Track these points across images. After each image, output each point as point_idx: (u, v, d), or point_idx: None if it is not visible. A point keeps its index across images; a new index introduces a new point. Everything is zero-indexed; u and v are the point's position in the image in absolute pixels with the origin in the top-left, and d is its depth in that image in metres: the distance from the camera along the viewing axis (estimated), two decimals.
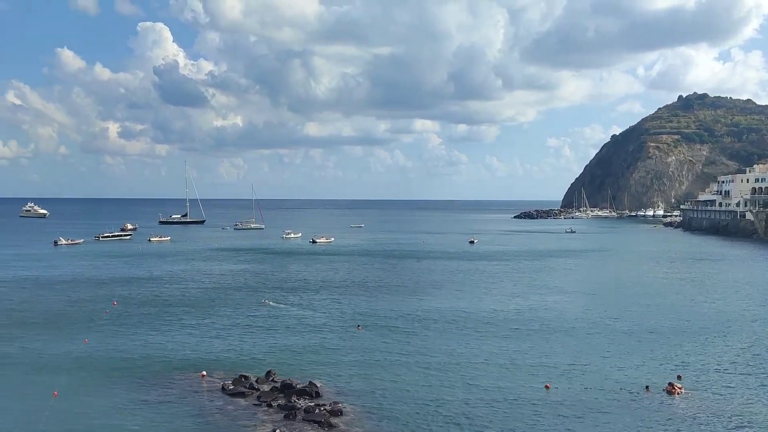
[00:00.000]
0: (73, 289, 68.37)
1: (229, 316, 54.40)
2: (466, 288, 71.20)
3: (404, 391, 34.37)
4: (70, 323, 51.15)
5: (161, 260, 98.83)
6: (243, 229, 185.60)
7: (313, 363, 40.20)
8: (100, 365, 39.22)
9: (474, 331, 48.65)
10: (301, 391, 33.30)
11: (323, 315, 55.53)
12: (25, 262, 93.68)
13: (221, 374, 37.36)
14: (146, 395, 33.78)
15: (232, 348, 43.76)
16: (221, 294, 66.44)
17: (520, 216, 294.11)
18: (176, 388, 35.05)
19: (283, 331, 49.17)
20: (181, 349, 43.40)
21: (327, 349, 43.85)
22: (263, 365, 39.16)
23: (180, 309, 57.77)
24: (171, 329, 49.38)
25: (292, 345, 44.71)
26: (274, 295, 65.65)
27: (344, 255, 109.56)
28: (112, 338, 46.14)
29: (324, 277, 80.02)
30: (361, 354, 42.27)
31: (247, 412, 31.26)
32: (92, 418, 30.38)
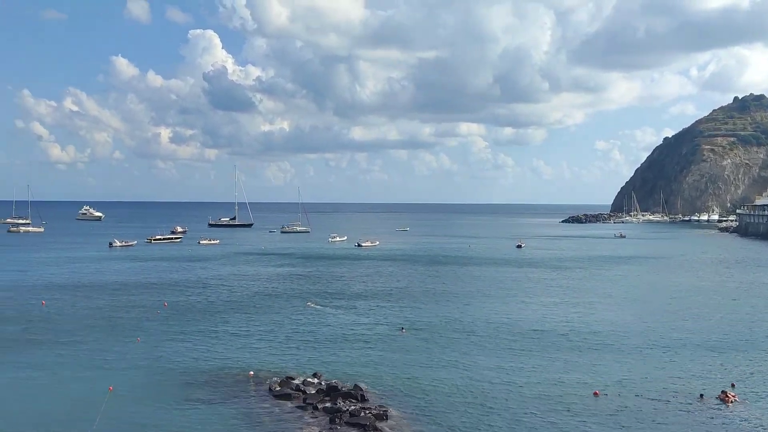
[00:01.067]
0: (126, 290, 70.46)
1: (275, 318, 55.09)
2: (513, 293, 70.28)
3: (450, 397, 34.11)
4: (124, 322, 52.69)
5: (210, 262, 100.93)
6: (289, 233, 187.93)
7: (358, 365, 40.32)
8: (152, 363, 40.24)
9: (521, 338, 47.94)
10: (346, 393, 33.42)
11: (367, 318, 55.69)
12: (81, 263, 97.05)
13: (268, 375, 37.81)
14: (195, 394, 34.47)
15: (278, 350, 44.29)
16: (267, 296, 67.39)
17: (568, 220, 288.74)
18: (224, 387, 35.65)
19: (328, 333, 49.50)
20: (228, 349, 44.17)
21: (372, 351, 43.93)
22: (309, 367, 39.49)
23: (228, 310, 58.85)
24: (219, 330, 50.31)
25: (337, 347, 44.96)
26: (319, 297, 66.20)
27: (389, 259, 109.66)
28: (163, 338, 47.31)
29: (368, 281, 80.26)
30: (405, 358, 42.17)
31: (294, 414, 31.54)
32: (144, 415, 31.17)
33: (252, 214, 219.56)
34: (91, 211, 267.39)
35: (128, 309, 58.99)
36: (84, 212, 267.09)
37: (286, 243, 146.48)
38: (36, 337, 47.19)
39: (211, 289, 71.75)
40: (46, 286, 72.98)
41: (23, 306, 59.64)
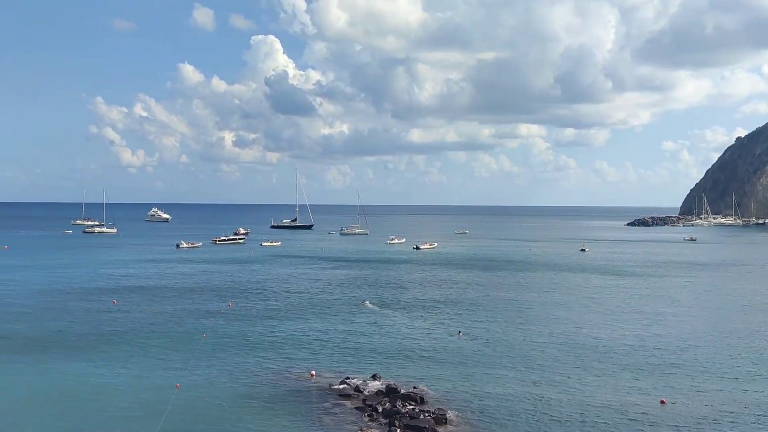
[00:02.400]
0: (192, 290, 72.79)
1: (334, 320, 55.73)
2: (575, 299, 68.70)
3: (510, 403, 33.64)
4: (190, 321, 54.44)
5: (272, 263, 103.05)
6: (348, 235, 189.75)
7: (416, 367, 40.34)
8: (217, 361, 41.41)
9: (583, 345, 46.81)
10: (405, 395, 33.45)
11: (424, 320, 55.60)
12: (150, 264, 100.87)
13: (328, 375, 38.32)
14: (258, 392, 35.26)
15: (337, 350, 44.78)
16: (327, 297, 68.24)
17: (634, 223, 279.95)
18: (285, 387, 36.32)
19: (387, 335, 49.70)
20: (290, 349, 44.97)
21: (430, 354, 43.85)
22: (368, 368, 39.76)
23: (288, 311, 59.93)
24: (280, 330, 51.28)
25: (396, 349, 45.08)
26: (377, 299, 66.54)
27: (447, 262, 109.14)
28: (228, 337, 48.61)
29: (426, 284, 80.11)
30: (464, 361, 41.88)
31: (353, 414, 31.82)
32: (209, 412, 32.10)
33: (312, 216, 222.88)
34: (159, 213, 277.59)
35: (194, 308, 60.90)
36: (152, 214, 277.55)
37: (344, 245, 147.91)
38: (107, 334, 49.29)
39: (273, 290, 73.22)
40: (118, 285, 76.23)
41: (96, 304, 62.46)
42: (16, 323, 52.50)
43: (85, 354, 42.99)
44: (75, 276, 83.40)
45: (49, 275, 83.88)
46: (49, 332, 49.29)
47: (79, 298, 65.41)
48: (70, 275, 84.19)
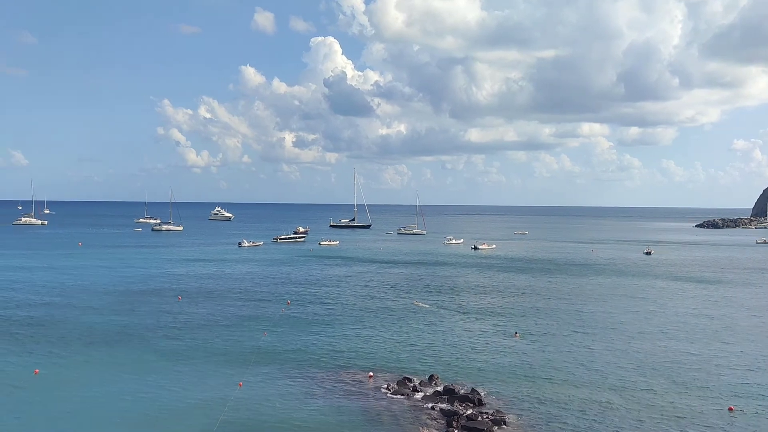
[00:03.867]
0: (254, 287, 74.62)
1: (392, 319, 56.00)
2: (639, 303, 66.73)
3: (569, 405, 33.04)
4: (252, 318, 55.84)
5: (331, 262, 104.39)
6: (405, 234, 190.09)
7: (473, 369, 40.13)
8: (277, 358, 42.34)
9: (647, 351, 45.45)
10: (463, 397, 33.35)
11: (482, 322, 55.20)
12: (214, 261, 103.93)
13: (385, 375, 38.59)
14: (317, 389, 35.86)
15: (395, 350, 45.01)
16: (384, 297, 68.63)
17: (703, 225, 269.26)
18: (344, 385, 36.79)
19: (444, 336, 49.61)
20: (348, 348, 45.51)
21: (487, 355, 43.56)
22: (425, 369, 39.81)
23: (346, 309, 60.62)
24: (339, 328, 51.96)
25: (453, 350, 44.96)
26: (433, 299, 66.47)
27: (505, 262, 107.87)
28: (288, 334, 49.62)
29: (483, 284, 79.44)
30: (522, 364, 41.37)
31: (411, 414, 31.94)
32: (269, 408, 32.84)
33: (370, 215, 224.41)
34: (222, 212, 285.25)
35: (255, 306, 62.41)
36: (215, 213, 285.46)
37: (402, 245, 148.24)
38: (171, 330, 51.13)
39: (331, 289, 74.21)
40: (183, 282, 78.92)
41: (162, 300, 64.88)
42: (89, 317, 55.14)
43: (151, 348, 44.72)
44: (143, 272, 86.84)
45: (120, 271, 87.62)
46: (118, 326, 51.54)
47: (147, 294, 68.09)
48: (140, 271, 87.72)
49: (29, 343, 45.37)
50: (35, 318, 54.42)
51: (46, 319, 53.80)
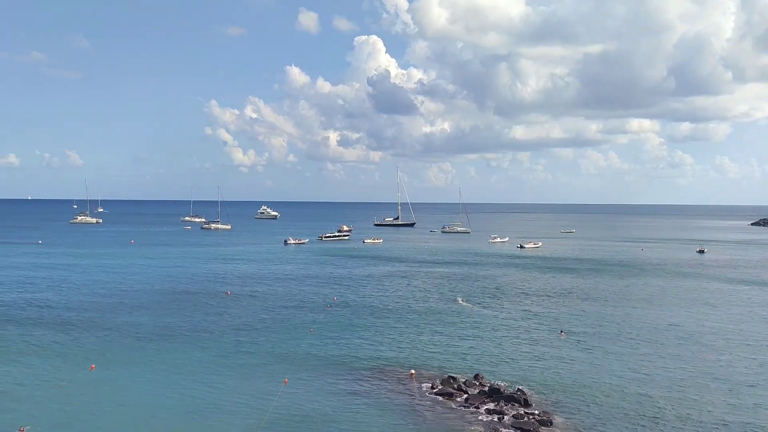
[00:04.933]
0: (300, 284, 75.50)
1: (435, 318, 55.83)
2: (691, 304, 64.84)
3: (618, 410, 32.32)
4: (298, 314, 56.52)
5: (374, 260, 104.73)
6: (450, 233, 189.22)
7: (519, 368, 39.69)
8: (322, 355, 42.75)
9: (698, 354, 44.13)
10: (509, 397, 33.01)
11: (527, 320, 54.53)
12: (261, 258, 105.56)
13: (429, 373, 38.52)
14: (361, 387, 36.06)
15: (439, 349, 44.86)
16: (428, 295, 68.46)
17: (759, 223, 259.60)
18: (387, 383, 36.89)
19: (489, 334, 49.20)
20: (392, 346, 45.60)
21: (532, 354, 43.01)
22: (470, 368, 39.57)
23: (390, 307, 60.72)
24: (383, 326, 52.09)
25: (498, 349, 44.55)
26: (478, 297, 65.97)
27: (552, 261, 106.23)
28: (333, 331, 50.03)
29: (529, 283, 78.43)
30: (569, 364, 40.71)
31: (455, 413, 31.80)
32: (314, 404, 33.20)
33: (414, 214, 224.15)
34: (268, 211, 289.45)
35: (302, 302, 63.15)
36: (262, 211, 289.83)
37: (446, 243, 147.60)
38: (220, 325, 52.18)
39: (375, 286, 74.46)
40: (231, 278, 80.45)
41: (211, 295, 66.27)
42: (141, 314, 56.77)
43: (199, 345, 45.73)
44: (193, 270, 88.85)
45: (171, 269, 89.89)
46: (169, 323, 52.87)
47: (197, 291, 69.65)
48: (189, 269, 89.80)
49: (85, 339, 47.01)
50: (90, 314, 56.32)
51: (100, 316, 55.62)
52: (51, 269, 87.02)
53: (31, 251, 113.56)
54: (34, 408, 31.64)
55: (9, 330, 49.20)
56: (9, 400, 32.69)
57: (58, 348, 43.91)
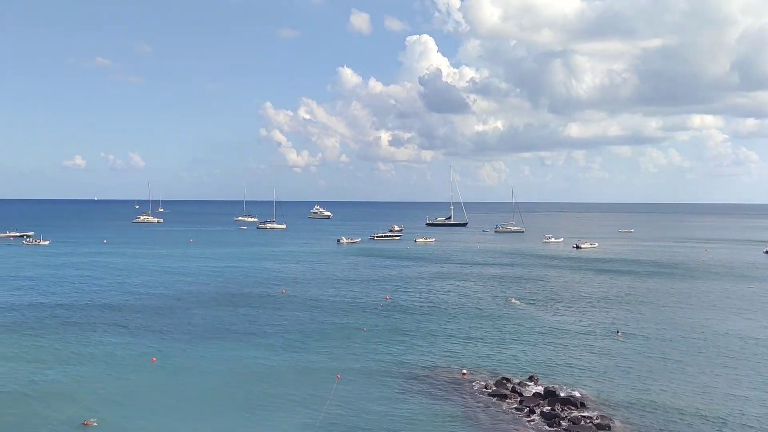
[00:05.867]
0: (352, 283, 76.07)
1: (488, 318, 55.31)
2: (757, 308, 62.08)
3: (678, 417, 31.29)
4: (352, 313, 56.97)
5: (426, 260, 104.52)
6: (503, 233, 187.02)
7: (575, 370, 38.94)
8: (375, 354, 42.95)
9: (761, 359, 42.23)
10: (565, 399, 32.43)
11: (582, 321, 53.44)
12: (315, 257, 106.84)
13: (482, 374, 38.22)
14: (414, 386, 36.06)
15: (492, 349, 44.45)
16: (480, 295, 67.87)
17: None
18: (440, 382, 36.79)
19: (543, 335, 48.42)
20: (444, 345, 45.44)
21: (589, 357, 42.11)
22: (524, 369, 39.05)
23: (442, 307, 60.48)
24: (435, 326, 51.93)
25: (553, 351, 43.80)
26: (532, 298, 64.99)
27: (608, 262, 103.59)
28: (385, 330, 50.21)
29: (584, 284, 76.74)
30: (627, 366, 39.68)
31: (509, 415, 31.46)
32: (368, 403, 33.39)
33: (466, 213, 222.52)
34: (321, 211, 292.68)
35: (354, 301, 63.64)
36: (315, 211, 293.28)
37: (499, 243, 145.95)
38: (275, 322, 53.11)
39: (427, 286, 74.30)
40: (286, 276, 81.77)
41: (266, 294, 67.51)
42: (200, 310, 58.34)
43: (255, 339, 46.70)
44: (250, 268, 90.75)
45: (229, 266, 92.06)
46: (226, 319, 54.17)
47: (254, 287, 71.12)
48: (246, 266, 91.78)
49: (147, 333, 48.68)
50: (152, 310, 58.28)
51: (161, 311, 57.50)
52: (115, 267, 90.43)
53: (97, 251, 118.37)
54: (98, 401, 32.87)
55: (74, 324, 51.39)
56: (73, 393, 34.04)
57: (121, 342, 45.58)
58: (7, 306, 59.24)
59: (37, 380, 36.22)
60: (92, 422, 29.76)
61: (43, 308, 58.24)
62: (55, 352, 42.49)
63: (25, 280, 76.52)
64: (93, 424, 29.63)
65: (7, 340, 45.60)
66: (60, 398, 33.10)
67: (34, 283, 74.14)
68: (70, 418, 30.28)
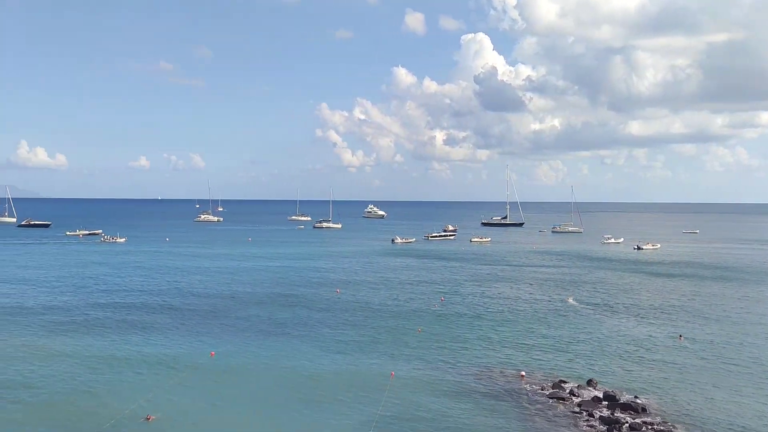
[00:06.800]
0: (407, 283, 76.18)
1: (544, 320, 54.44)
2: None
3: (744, 425, 30.04)
4: (406, 314, 57.10)
5: (482, 260, 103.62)
6: (560, 233, 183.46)
7: (635, 374, 37.96)
8: (430, 354, 42.92)
9: None
10: (626, 405, 31.64)
11: (642, 325, 51.97)
12: (369, 257, 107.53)
13: (539, 376, 37.70)
14: (469, 387, 35.89)
15: (549, 352, 43.76)
16: (538, 296, 66.83)
17: None
18: (496, 384, 36.48)
19: (601, 339, 47.32)
20: (500, 347, 45.02)
21: (649, 360, 40.97)
22: (582, 372, 38.30)
23: (497, 308, 59.89)
24: (490, 327, 51.49)
25: (612, 354, 42.79)
26: (590, 300, 63.55)
27: (671, 264, 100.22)
28: (440, 330, 50.10)
29: (645, 286, 74.51)
30: (689, 370, 38.45)
31: (567, 418, 30.93)
32: (424, 402, 33.44)
33: (523, 213, 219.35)
34: (375, 210, 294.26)
35: (409, 300, 63.74)
36: (369, 211, 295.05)
37: (556, 244, 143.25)
38: (329, 321, 53.73)
39: (483, 286, 73.66)
40: (341, 275, 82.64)
41: (322, 292, 68.39)
42: (257, 306, 59.68)
43: (310, 336, 47.42)
44: (306, 266, 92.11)
45: (285, 266, 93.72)
46: (282, 316, 55.21)
47: (309, 287, 72.19)
48: (302, 266, 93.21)
49: (206, 328, 50.16)
50: (211, 305, 59.97)
51: (219, 307, 59.10)
52: (176, 265, 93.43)
53: (160, 250, 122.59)
54: (160, 396, 33.90)
55: (136, 321, 53.41)
56: (136, 389, 35.23)
57: (181, 339, 47.09)
58: (74, 304, 62.14)
59: (101, 376, 37.54)
60: (154, 417, 30.63)
61: (109, 305, 60.86)
62: (119, 348, 44.18)
63: (97, 276, 79.96)
64: (155, 419, 30.46)
65: (73, 337, 47.78)
66: (123, 393, 34.16)
67: (105, 279, 77.39)
68: (134, 412, 31.23)
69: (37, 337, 46.71)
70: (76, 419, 30.60)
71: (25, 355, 41.55)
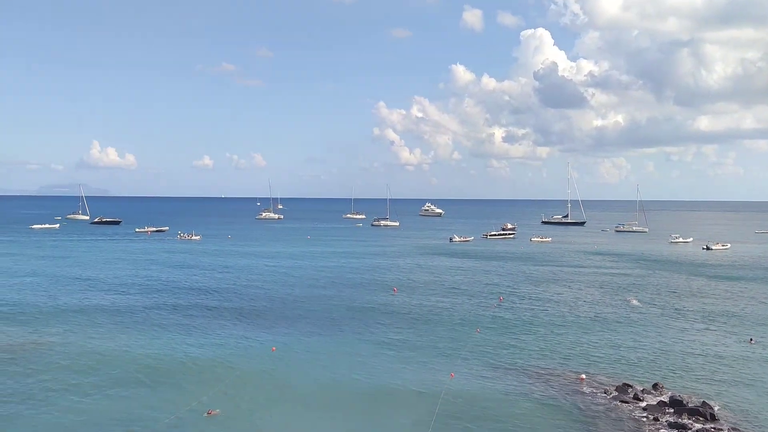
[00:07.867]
0: (465, 282, 75.76)
1: (608, 321, 53.14)
2: None
3: None
4: (464, 314, 56.85)
5: (542, 260, 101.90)
6: (624, 232, 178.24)
7: (703, 379, 36.67)
8: (489, 355, 42.64)
9: None
10: (693, 410, 30.62)
11: (710, 328, 50.04)
12: (427, 255, 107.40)
13: (602, 379, 36.91)
14: (529, 388, 35.47)
15: (611, 353, 42.75)
16: (600, 297, 65.26)
17: None
18: (557, 385, 35.93)
19: (668, 341, 45.88)
20: (560, 347, 44.27)
21: (718, 364, 39.50)
22: (647, 375, 37.26)
23: (559, 308, 58.83)
24: (550, 327, 50.69)
25: (679, 357, 41.45)
26: (656, 301, 61.58)
27: (744, 265, 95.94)
28: (499, 331, 49.69)
29: (715, 288, 71.61)
30: (760, 376, 36.77)
31: (631, 423, 30.18)
32: (483, 402, 33.28)
33: (584, 212, 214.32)
34: (432, 208, 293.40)
35: (468, 300, 63.40)
36: (426, 209, 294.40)
37: (620, 243, 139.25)
38: (386, 320, 54.02)
39: (543, 286, 72.48)
40: (399, 274, 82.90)
41: (379, 291, 68.84)
42: (316, 304, 60.61)
43: (368, 335, 47.87)
44: (363, 265, 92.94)
45: (343, 263, 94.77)
46: (341, 313, 55.88)
47: (367, 285, 72.78)
48: (360, 264, 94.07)
49: (267, 324, 51.35)
50: (271, 302, 61.34)
51: (279, 304, 60.37)
52: (238, 263, 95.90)
53: (222, 248, 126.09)
54: (222, 391, 34.61)
55: (200, 316, 55.17)
56: (198, 383, 36.15)
57: (243, 335, 48.36)
58: (137, 301, 64.75)
59: (163, 370, 38.56)
60: (216, 412, 31.14)
61: (170, 302, 63.03)
62: (181, 343, 45.60)
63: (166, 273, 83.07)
64: (216, 414, 30.99)
65: (136, 332, 49.50)
66: (185, 389, 34.97)
67: (178, 275, 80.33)
68: (195, 407, 31.89)
69: (106, 330, 48.89)
70: (139, 414, 31.28)
71: (93, 348, 43.46)
